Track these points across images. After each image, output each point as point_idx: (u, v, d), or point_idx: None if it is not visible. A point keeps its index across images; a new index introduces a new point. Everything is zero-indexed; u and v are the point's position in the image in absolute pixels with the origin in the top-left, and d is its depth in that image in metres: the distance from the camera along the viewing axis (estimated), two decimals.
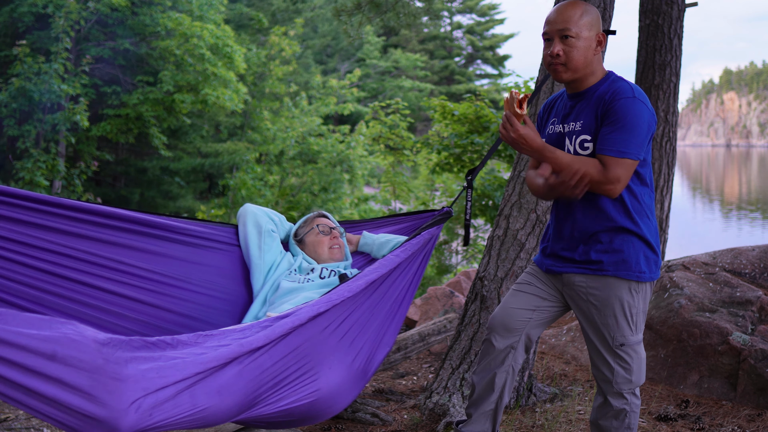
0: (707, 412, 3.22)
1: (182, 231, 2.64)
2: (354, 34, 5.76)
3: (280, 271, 2.74)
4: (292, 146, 15.38)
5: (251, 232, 2.78)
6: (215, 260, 2.73)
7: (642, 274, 2.20)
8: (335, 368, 2.18)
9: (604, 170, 2.08)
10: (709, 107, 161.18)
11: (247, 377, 1.86)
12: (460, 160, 7.75)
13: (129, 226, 2.51)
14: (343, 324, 2.23)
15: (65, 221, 2.38)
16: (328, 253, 2.82)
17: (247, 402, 1.88)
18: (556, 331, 4.35)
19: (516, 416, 3.10)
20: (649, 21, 5.58)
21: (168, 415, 1.64)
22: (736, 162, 71.71)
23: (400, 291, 2.54)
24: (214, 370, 1.76)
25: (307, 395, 2.08)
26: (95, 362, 1.51)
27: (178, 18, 14.24)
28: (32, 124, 11.86)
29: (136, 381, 1.57)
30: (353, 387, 2.28)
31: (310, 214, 2.97)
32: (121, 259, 2.47)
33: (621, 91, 2.13)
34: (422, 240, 2.63)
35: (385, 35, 33.79)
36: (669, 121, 5.59)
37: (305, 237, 2.88)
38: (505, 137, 2.15)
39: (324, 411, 2.19)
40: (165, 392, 1.62)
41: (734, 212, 24.40)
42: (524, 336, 2.41)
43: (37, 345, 1.45)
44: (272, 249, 2.78)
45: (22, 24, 13.83)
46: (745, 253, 4.06)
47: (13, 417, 2.95)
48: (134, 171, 17.54)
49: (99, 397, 1.50)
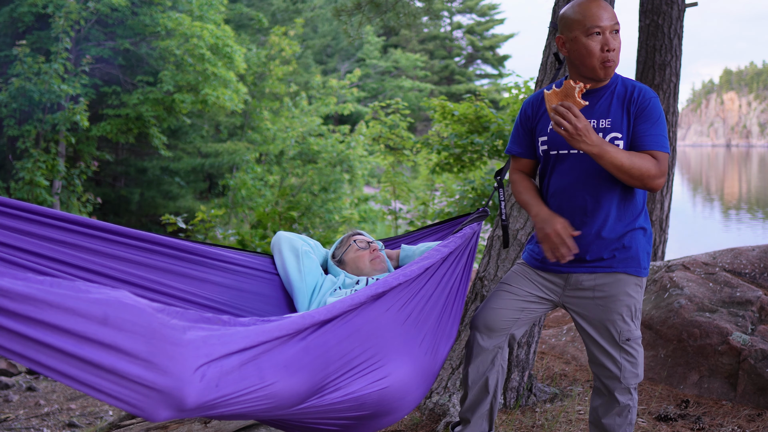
0: (707, 412, 3.22)
1: (219, 257, 2.56)
2: (354, 34, 5.76)
3: (324, 291, 2.62)
4: (292, 146, 15.39)
5: (288, 256, 2.68)
6: (256, 287, 2.63)
7: (644, 270, 2.28)
8: (402, 355, 2.09)
9: (657, 164, 2.13)
10: (709, 107, 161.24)
11: (313, 353, 1.77)
12: (460, 160, 7.75)
13: (167, 251, 2.44)
14: (404, 308, 2.15)
15: (106, 244, 2.34)
16: (370, 266, 2.72)
17: (316, 382, 1.78)
18: (556, 331, 4.35)
19: (516, 416, 3.10)
20: (649, 21, 5.58)
21: (236, 389, 1.51)
22: (736, 162, 71.71)
23: (455, 282, 2.44)
24: (278, 342, 1.65)
25: (375, 381, 1.98)
26: (151, 326, 1.36)
27: (178, 18, 14.24)
28: (32, 124, 11.87)
29: (197, 347, 1.43)
30: (422, 379, 2.18)
31: (344, 235, 2.88)
32: (165, 281, 2.39)
33: (647, 91, 2.20)
34: (465, 235, 2.54)
35: (385, 35, 33.79)
36: (669, 121, 5.59)
37: (344, 256, 2.78)
38: (567, 129, 2.03)
39: (396, 404, 2.07)
40: (230, 361, 1.49)
41: (734, 212, 24.40)
42: (509, 335, 2.43)
43: (87, 308, 1.30)
44: (313, 271, 2.67)
45: (22, 24, 13.83)
46: (745, 253, 4.06)
47: (13, 417, 2.95)
48: (134, 171, 17.53)
49: (159, 363, 1.35)
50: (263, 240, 9.52)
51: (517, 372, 3.22)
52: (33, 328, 1.29)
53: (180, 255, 2.48)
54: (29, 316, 1.28)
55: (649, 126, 2.16)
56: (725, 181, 43.84)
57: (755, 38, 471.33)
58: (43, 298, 1.29)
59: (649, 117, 2.17)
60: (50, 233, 2.25)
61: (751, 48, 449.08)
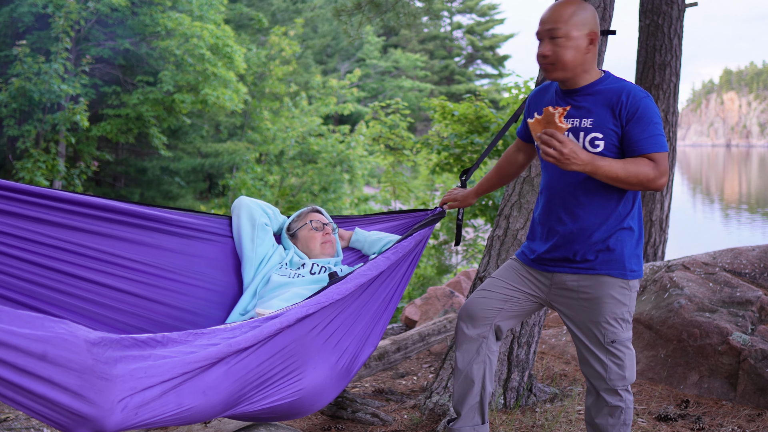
0: (707, 412, 3.22)
1: (176, 223, 2.65)
2: (354, 34, 5.76)
3: (272, 264, 2.76)
4: (292, 146, 15.39)
5: (245, 225, 2.79)
6: (208, 251, 2.74)
7: (632, 273, 2.25)
8: (319, 368, 2.20)
9: (656, 166, 2.12)
10: (709, 107, 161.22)
11: (233, 377, 1.89)
12: (460, 160, 7.75)
13: (123, 218, 2.51)
14: (330, 325, 2.26)
15: (58, 213, 2.39)
16: (319, 249, 2.83)
17: (232, 401, 1.91)
18: (556, 331, 4.35)
19: (516, 416, 3.10)
20: (649, 21, 5.58)
21: (153, 414, 1.67)
22: (736, 162, 71.71)
23: (388, 292, 2.56)
24: (201, 370, 1.79)
25: (290, 394, 2.11)
26: (85, 362, 1.53)
27: (178, 18, 14.24)
28: (32, 124, 11.87)
29: (124, 381, 1.60)
30: (336, 386, 2.31)
31: (304, 209, 2.98)
32: (114, 251, 2.48)
33: (636, 92, 2.17)
34: (413, 241, 2.64)
35: (385, 35, 33.78)
36: (669, 121, 5.59)
37: (298, 232, 2.89)
38: (553, 156, 2.03)
39: (305, 408, 2.22)
40: (152, 392, 1.66)
41: (734, 212, 24.40)
42: (494, 326, 2.43)
43: (29, 345, 1.47)
44: (264, 242, 2.79)
45: (22, 24, 13.83)
46: (745, 253, 4.06)
47: (13, 417, 2.95)
48: (134, 171, 17.54)
49: (87, 396, 1.53)
50: None
51: (517, 372, 3.22)
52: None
53: (132, 222, 2.54)
54: None
55: (641, 129, 2.13)
56: (725, 181, 43.83)
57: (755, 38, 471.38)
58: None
59: (641, 119, 2.13)
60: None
61: (751, 48, 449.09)
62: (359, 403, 3.24)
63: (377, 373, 4.11)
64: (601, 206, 2.22)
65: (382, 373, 4.16)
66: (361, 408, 3.19)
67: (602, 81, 2.23)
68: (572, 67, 2.19)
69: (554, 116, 2.04)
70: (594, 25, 2.20)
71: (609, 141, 2.17)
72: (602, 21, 3.17)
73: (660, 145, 2.13)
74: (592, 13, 2.21)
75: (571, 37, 2.17)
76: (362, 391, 3.72)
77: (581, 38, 2.17)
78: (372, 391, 3.69)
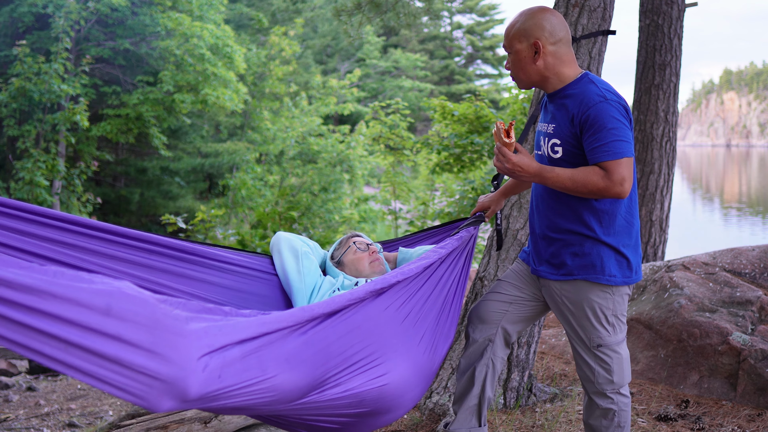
0: (707, 412, 3.22)
1: (217, 258, 2.56)
2: (354, 34, 5.77)
3: (323, 292, 2.62)
4: (292, 146, 15.39)
5: (287, 256, 2.68)
6: (255, 287, 2.63)
7: (612, 278, 2.19)
8: (401, 353, 2.11)
9: (607, 175, 2.04)
10: (709, 107, 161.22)
11: (313, 348, 1.78)
12: (460, 160, 7.75)
13: (165, 251, 2.44)
14: (403, 307, 2.17)
15: (105, 244, 2.34)
16: (369, 268, 2.73)
17: (316, 377, 1.80)
18: (556, 331, 4.35)
19: (516, 416, 3.10)
20: (649, 21, 5.58)
21: (238, 380, 1.53)
22: (736, 162, 71.71)
23: (453, 282, 2.46)
24: (280, 335, 1.67)
25: (375, 378, 2.00)
26: (154, 316, 1.37)
27: (178, 18, 14.25)
28: (32, 124, 11.87)
29: (200, 337, 1.44)
30: (421, 378, 2.20)
31: (343, 237, 2.88)
32: (163, 281, 2.39)
33: (589, 99, 2.09)
34: (462, 238, 2.56)
35: (385, 35, 33.79)
36: (669, 121, 5.59)
37: (343, 258, 2.78)
38: (501, 169, 2.16)
39: (395, 402, 2.09)
40: (232, 352, 1.51)
41: (734, 212, 24.40)
42: (501, 329, 2.43)
43: (90, 299, 1.31)
44: (312, 272, 2.67)
45: (22, 24, 13.84)
46: (745, 253, 4.06)
47: (13, 417, 2.95)
48: (134, 171, 17.54)
49: (162, 353, 1.36)
50: (263, 240, 9.52)
51: (517, 372, 3.22)
52: (36, 319, 1.29)
53: (178, 255, 2.47)
54: (32, 306, 1.28)
55: (593, 138, 2.06)
56: (725, 181, 43.84)
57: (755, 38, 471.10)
58: (46, 289, 1.29)
59: (592, 127, 2.06)
60: (49, 233, 2.25)
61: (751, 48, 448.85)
62: None
63: None
64: (574, 210, 2.19)
65: None
66: None
67: (573, 85, 2.18)
68: (526, 79, 2.22)
69: (500, 132, 2.13)
70: (538, 34, 2.15)
71: (567, 147, 2.15)
72: (602, 21, 3.17)
73: (612, 152, 2.03)
74: (535, 23, 2.16)
75: (514, 50, 2.20)
76: None
77: (525, 50, 2.17)
78: None
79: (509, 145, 2.12)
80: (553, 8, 3.36)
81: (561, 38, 2.17)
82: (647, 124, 5.60)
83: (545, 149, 2.23)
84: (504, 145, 2.13)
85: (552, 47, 2.16)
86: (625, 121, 2.07)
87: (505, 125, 2.13)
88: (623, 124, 2.06)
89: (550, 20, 2.17)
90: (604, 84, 2.16)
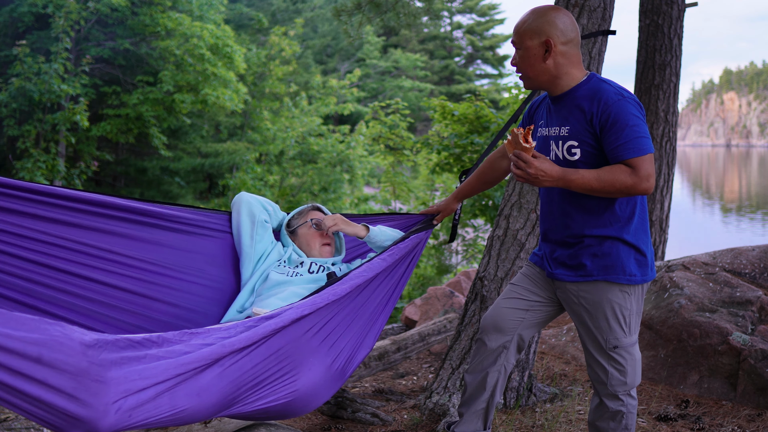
0: (707, 412, 3.22)
1: (174, 218, 2.64)
2: (354, 34, 5.76)
3: (270, 261, 2.74)
4: (292, 146, 15.39)
5: (244, 221, 2.78)
6: (206, 248, 2.73)
7: (633, 277, 2.19)
8: (315, 369, 2.20)
9: (634, 172, 2.04)
10: (709, 107, 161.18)
11: (227, 379, 1.89)
12: (460, 160, 7.74)
13: (120, 214, 2.50)
14: (326, 326, 2.25)
15: (55, 210, 2.37)
16: (319, 250, 2.82)
17: (226, 402, 1.92)
18: (556, 331, 4.35)
19: (516, 416, 3.10)
20: (649, 21, 5.58)
21: (147, 416, 1.69)
22: (736, 162, 71.70)
23: (385, 294, 2.56)
24: (196, 372, 1.80)
25: (285, 395, 2.11)
26: (80, 365, 1.55)
27: (178, 18, 14.25)
28: (32, 124, 11.87)
29: (118, 384, 1.62)
30: (330, 387, 2.31)
31: (305, 206, 2.96)
32: (112, 248, 2.47)
33: (609, 96, 2.09)
34: (411, 244, 2.64)
35: (385, 35, 33.78)
36: (669, 121, 5.59)
37: (298, 229, 2.87)
38: (521, 176, 2.07)
39: (299, 409, 2.22)
40: (146, 393, 1.68)
41: (734, 212, 24.40)
42: (517, 336, 2.42)
43: (24, 348, 1.49)
44: (264, 239, 2.78)
45: (22, 24, 13.84)
46: (745, 253, 4.06)
47: (13, 417, 2.95)
48: (134, 171, 17.53)
49: (82, 398, 1.55)
50: None
51: (517, 372, 3.22)
52: None
53: (130, 218, 2.53)
54: None
55: (616, 135, 2.05)
56: (725, 181, 43.82)
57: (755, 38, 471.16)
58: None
59: (614, 126, 2.06)
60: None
61: (751, 48, 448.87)
62: (359, 403, 3.24)
63: (377, 373, 4.11)
64: (592, 211, 2.18)
65: (382, 373, 4.16)
66: (361, 408, 3.19)
67: (581, 86, 2.17)
68: (535, 77, 2.19)
69: (519, 137, 2.06)
70: (550, 33, 2.14)
71: (585, 149, 2.13)
72: (602, 21, 3.17)
73: (637, 149, 2.04)
74: (548, 20, 2.15)
75: (525, 48, 2.17)
76: (362, 391, 3.72)
77: (536, 47, 2.15)
78: (372, 391, 3.69)
79: (528, 150, 2.06)
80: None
81: (572, 39, 2.17)
82: (647, 124, 5.60)
83: (559, 152, 2.20)
84: (523, 151, 2.06)
85: (563, 47, 2.16)
86: (642, 117, 2.09)
87: (522, 131, 2.07)
88: (642, 120, 2.09)
89: (562, 20, 2.16)
90: (615, 83, 2.17)
